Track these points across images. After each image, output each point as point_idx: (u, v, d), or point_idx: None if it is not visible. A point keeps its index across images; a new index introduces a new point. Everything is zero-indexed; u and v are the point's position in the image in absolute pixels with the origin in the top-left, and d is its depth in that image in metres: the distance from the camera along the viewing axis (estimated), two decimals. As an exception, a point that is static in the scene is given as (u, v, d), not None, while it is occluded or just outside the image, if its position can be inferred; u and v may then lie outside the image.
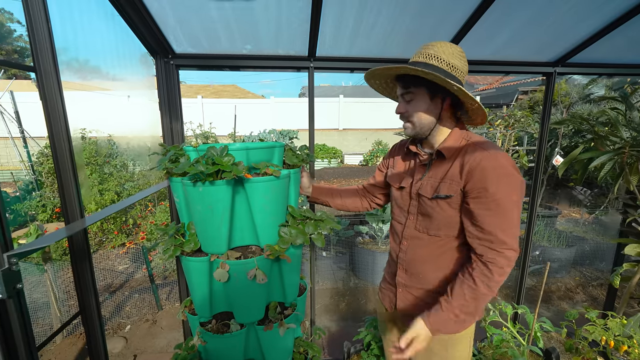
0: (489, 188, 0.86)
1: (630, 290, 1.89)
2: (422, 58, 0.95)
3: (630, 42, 1.61)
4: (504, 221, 0.87)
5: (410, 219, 1.07)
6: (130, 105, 9.18)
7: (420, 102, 0.97)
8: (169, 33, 1.34)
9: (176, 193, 1.11)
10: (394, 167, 1.18)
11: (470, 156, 0.91)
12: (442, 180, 0.97)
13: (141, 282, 3.26)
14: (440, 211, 0.98)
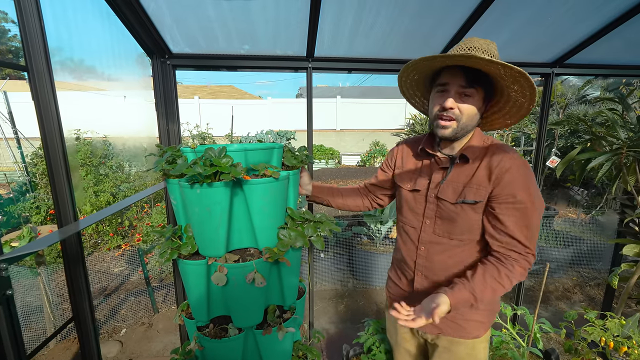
0: (517, 194, 0.86)
1: (628, 291, 1.89)
2: (480, 53, 0.86)
3: (627, 43, 1.61)
4: (528, 228, 0.88)
5: (426, 223, 1.04)
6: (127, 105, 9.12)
7: (476, 101, 0.91)
8: (165, 33, 1.32)
9: (173, 195, 1.09)
10: (403, 167, 1.13)
11: (497, 161, 0.90)
12: (467, 185, 0.94)
13: (137, 284, 3.22)
14: (464, 216, 0.95)
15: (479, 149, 0.95)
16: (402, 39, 1.44)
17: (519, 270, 0.89)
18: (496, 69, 0.82)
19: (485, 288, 0.89)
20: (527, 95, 0.87)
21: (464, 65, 0.86)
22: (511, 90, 0.88)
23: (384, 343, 1.54)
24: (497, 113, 1.00)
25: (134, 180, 4.79)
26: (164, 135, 1.46)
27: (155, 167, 1.05)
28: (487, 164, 0.92)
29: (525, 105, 0.90)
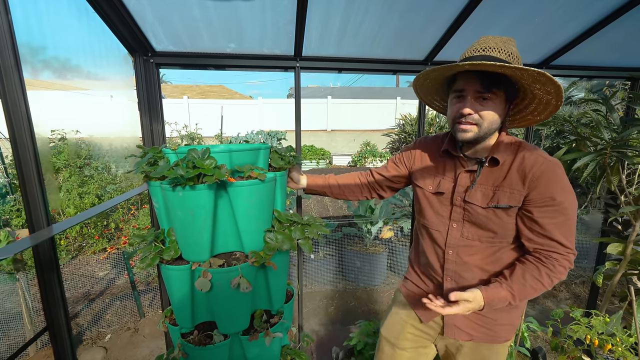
0: (556, 197, 0.84)
1: (612, 289, 1.93)
2: (497, 53, 0.84)
3: (610, 45, 1.64)
4: (568, 229, 0.87)
5: (453, 226, 0.99)
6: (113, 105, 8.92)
7: (497, 104, 0.87)
8: (147, 30, 1.28)
9: (155, 198, 1.05)
10: (422, 166, 1.08)
11: (530, 163, 0.87)
12: (498, 188, 0.90)
13: (123, 288, 3.14)
14: (495, 220, 0.92)
15: (508, 150, 0.91)
16: (391, 38, 1.43)
17: (560, 269, 0.87)
18: (511, 72, 0.79)
19: (525, 287, 0.88)
20: (551, 92, 0.84)
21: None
22: (534, 89, 0.86)
23: (374, 346, 1.53)
24: (525, 110, 0.97)
25: (121, 182, 4.68)
26: (148, 136, 1.42)
27: (135, 169, 1.02)
28: (519, 166, 0.88)
29: (553, 102, 0.87)
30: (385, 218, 3.29)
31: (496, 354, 1.05)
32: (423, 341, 1.14)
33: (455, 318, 1.04)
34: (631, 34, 1.55)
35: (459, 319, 1.04)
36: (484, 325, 1.02)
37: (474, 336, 1.03)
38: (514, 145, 0.92)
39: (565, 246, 0.86)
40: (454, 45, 1.48)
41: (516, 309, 1.02)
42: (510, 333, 1.03)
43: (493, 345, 1.03)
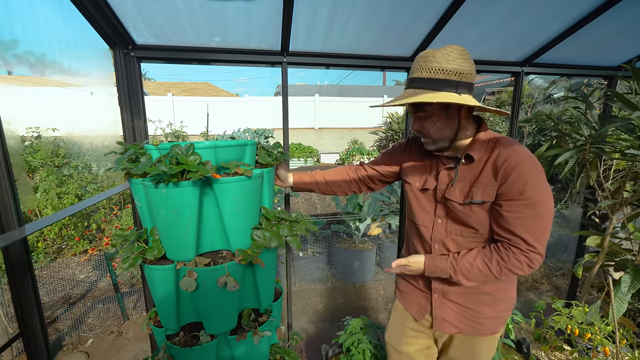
0: (526, 192, 0.84)
1: (590, 280, 2.00)
2: (426, 73, 0.88)
3: (588, 44, 1.69)
4: (536, 226, 0.86)
5: (438, 222, 1.03)
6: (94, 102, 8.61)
7: (435, 117, 0.92)
8: (127, 22, 1.23)
9: (137, 196, 1.01)
10: (411, 163, 1.11)
11: (504, 158, 0.88)
12: (473, 185, 0.93)
13: (105, 291, 3.04)
14: (473, 215, 0.94)
15: (484, 146, 0.93)
16: (379, 34, 1.43)
17: (515, 262, 0.88)
18: (424, 100, 0.84)
19: (472, 268, 0.92)
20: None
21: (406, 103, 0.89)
22: (464, 104, 0.88)
23: (363, 343, 1.53)
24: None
25: (103, 181, 4.52)
26: (129, 132, 1.37)
27: (116, 166, 0.98)
28: (493, 161, 0.90)
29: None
30: (374, 215, 3.31)
31: (485, 346, 1.08)
32: (424, 341, 1.16)
33: (444, 312, 1.07)
34: (608, 34, 1.60)
35: (447, 313, 1.06)
36: (470, 318, 1.04)
37: (462, 329, 1.05)
38: (491, 142, 0.94)
39: (528, 243, 0.86)
40: (441, 41, 1.49)
41: (501, 303, 1.04)
42: (496, 326, 1.06)
43: (482, 338, 1.06)
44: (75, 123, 6.49)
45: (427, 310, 1.10)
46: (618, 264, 1.88)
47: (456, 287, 1.03)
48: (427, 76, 0.87)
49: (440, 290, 1.06)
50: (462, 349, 1.09)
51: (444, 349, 1.14)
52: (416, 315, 1.13)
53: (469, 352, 1.09)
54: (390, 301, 2.91)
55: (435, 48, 0.90)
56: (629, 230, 1.97)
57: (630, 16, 1.47)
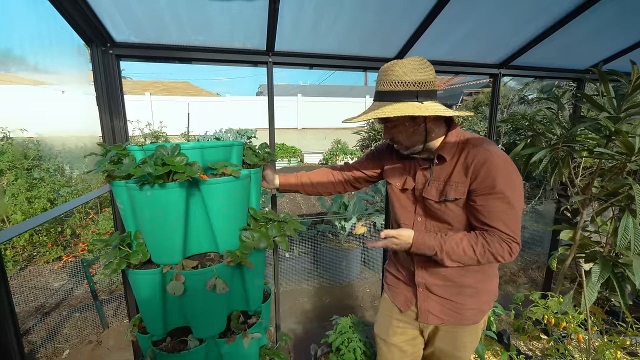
0: (497, 186, 0.89)
1: (564, 271, 2.11)
2: (387, 86, 0.93)
3: (559, 49, 1.79)
4: (509, 217, 0.91)
5: (418, 220, 1.08)
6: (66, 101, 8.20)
7: (402, 126, 0.98)
8: (105, 19, 1.18)
9: (120, 198, 0.98)
10: (392, 165, 1.16)
11: (473, 156, 0.93)
12: (447, 183, 0.98)
13: (82, 299, 2.91)
14: (449, 212, 1.00)
15: (455, 146, 0.99)
16: (364, 35, 1.44)
17: (498, 246, 0.91)
18: (384, 115, 0.89)
19: (458, 248, 0.94)
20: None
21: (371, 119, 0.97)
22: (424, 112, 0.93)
23: (353, 341, 1.55)
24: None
25: (77, 184, 4.32)
26: (108, 133, 1.32)
27: (97, 169, 0.94)
28: (464, 160, 0.95)
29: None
30: (359, 214, 3.34)
31: (468, 335, 1.13)
32: (410, 332, 1.19)
33: (428, 304, 1.11)
34: (576, 39, 1.70)
35: (431, 305, 1.11)
36: (453, 309, 1.09)
37: (445, 320, 1.10)
38: (461, 142, 1.00)
39: (506, 233, 0.92)
40: (422, 44, 1.53)
41: (482, 295, 1.09)
42: (477, 316, 1.10)
43: (464, 327, 1.11)
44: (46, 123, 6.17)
45: (412, 303, 1.15)
46: (588, 256, 1.99)
47: (439, 281, 1.08)
48: (389, 89, 0.93)
49: (424, 284, 1.11)
50: (446, 339, 1.14)
51: (430, 340, 1.19)
52: (402, 307, 1.18)
53: (453, 342, 1.13)
54: (376, 299, 2.95)
55: (396, 60, 0.95)
56: (597, 223, 2.09)
57: (596, 24, 1.57)
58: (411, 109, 0.89)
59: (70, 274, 3.23)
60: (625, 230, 1.60)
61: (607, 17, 1.53)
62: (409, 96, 0.91)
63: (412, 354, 1.21)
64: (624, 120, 1.67)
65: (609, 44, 1.83)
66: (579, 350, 1.73)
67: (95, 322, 2.56)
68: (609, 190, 1.82)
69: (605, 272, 1.74)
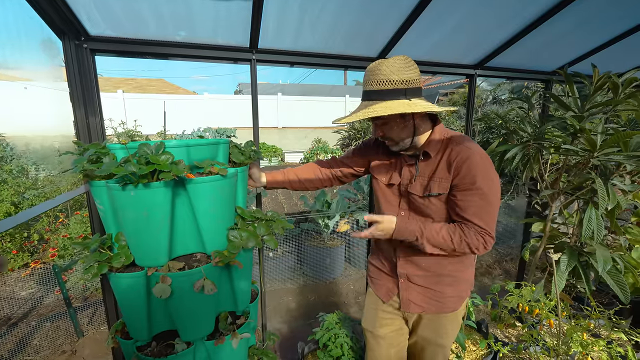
0: (477, 182, 0.95)
1: (535, 262, 2.23)
2: (376, 85, 0.96)
3: (529, 51, 1.89)
4: (486, 212, 0.97)
5: (401, 214, 1.12)
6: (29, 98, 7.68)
7: (392, 122, 1.01)
8: (80, 10, 1.12)
9: (99, 199, 0.94)
10: (379, 161, 1.19)
11: (456, 153, 0.98)
12: (431, 179, 1.03)
13: (53, 307, 2.75)
14: (432, 206, 1.05)
15: (439, 143, 1.04)
16: (347, 34, 1.46)
17: (473, 238, 0.97)
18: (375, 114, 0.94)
19: (438, 235, 1.00)
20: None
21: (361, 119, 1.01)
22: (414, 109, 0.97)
23: (340, 337, 1.57)
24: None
25: (44, 186, 4.07)
26: (84, 131, 1.26)
27: (74, 168, 0.90)
28: (447, 156, 1.01)
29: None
30: (342, 212, 3.37)
31: (450, 322, 1.18)
32: (396, 322, 1.23)
33: (409, 294, 1.16)
34: (544, 43, 1.81)
35: (412, 294, 1.16)
36: (433, 298, 1.14)
37: (425, 308, 1.15)
38: (445, 140, 1.05)
39: (481, 227, 0.97)
40: (403, 45, 1.57)
41: (460, 283, 1.15)
42: (457, 303, 1.16)
43: (445, 315, 1.16)
44: (6, 122, 5.77)
45: (394, 293, 1.19)
46: (557, 246, 2.13)
47: (420, 271, 1.13)
48: (377, 88, 0.96)
49: (405, 275, 1.16)
50: (429, 327, 1.19)
51: (414, 329, 1.23)
52: (384, 297, 1.22)
53: (435, 329, 1.18)
54: (360, 295, 3.00)
55: (382, 59, 0.97)
56: (565, 216, 2.23)
57: (562, 29, 1.67)
58: (402, 106, 0.92)
59: (39, 282, 3.04)
60: (589, 221, 1.72)
61: (571, 23, 1.64)
62: (398, 94, 0.95)
63: (398, 344, 1.25)
64: (587, 119, 1.79)
65: (573, 48, 1.96)
66: (550, 334, 1.85)
67: (68, 331, 2.43)
68: (574, 185, 1.94)
69: (572, 261, 1.87)
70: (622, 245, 2.05)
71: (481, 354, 1.78)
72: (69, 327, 2.45)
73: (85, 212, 3.50)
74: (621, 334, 1.74)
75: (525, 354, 1.76)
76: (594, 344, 1.60)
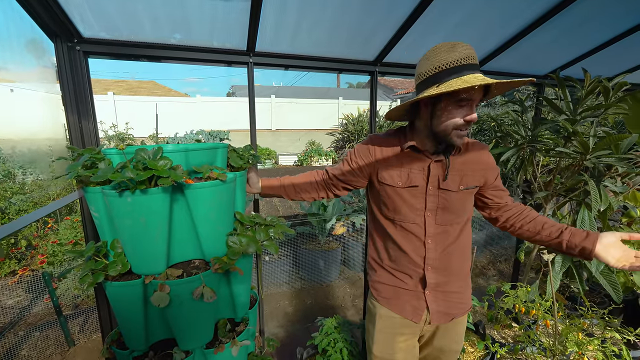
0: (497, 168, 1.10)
1: (530, 262, 2.26)
2: (477, 61, 0.90)
3: (522, 56, 1.92)
4: None
5: (428, 215, 1.03)
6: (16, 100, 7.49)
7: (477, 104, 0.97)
8: (72, 11, 1.10)
9: (94, 205, 0.91)
10: (387, 165, 1.07)
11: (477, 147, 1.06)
12: (463, 173, 1.03)
13: (43, 316, 2.68)
14: (462, 200, 1.05)
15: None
16: (345, 38, 1.46)
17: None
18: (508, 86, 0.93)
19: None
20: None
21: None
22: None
23: (340, 342, 1.56)
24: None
25: (32, 191, 3.97)
26: (76, 135, 1.23)
27: (68, 174, 0.87)
28: (470, 150, 1.04)
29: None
30: (338, 215, 3.37)
31: (463, 325, 1.17)
32: (410, 342, 1.13)
33: (439, 305, 1.08)
34: (537, 48, 1.84)
35: (442, 304, 1.08)
36: (459, 301, 1.10)
37: (455, 314, 1.10)
38: None
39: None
40: (401, 47, 1.57)
41: (469, 277, 1.16)
42: (470, 300, 1.15)
43: (462, 318, 1.14)
44: (-8, 125, 5.61)
45: (423, 309, 1.07)
46: (551, 247, 2.16)
47: (446, 276, 1.07)
48: (477, 63, 0.91)
49: (434, 285, 1.06)
50: (447, 335, 1.13)
51: (428, 342, 1.16)
52: (414, 317, 1.08)
53: (452, 336, 1.14)
54: (356, 298, 2.99)
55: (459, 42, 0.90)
56: (558, 217, 2.26)
57: (555, 34, 1.70)
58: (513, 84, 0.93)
59: (27, 290, 2.96)
60: (582, 222, 1.75)
61: (562, 29, 1.67)
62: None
63: None
64: (579, 122, 1.82)
65: (564, 53, 2.00)
66: (546, 335, 1.87)
67: (59, 340, 2.36)
68: (567, 186, 1.98)
69: (566, 261, 1.89)
70: (614, 245, 2.08)
71: (479, 355, 1.78)
72: (59, 336, 2.38)
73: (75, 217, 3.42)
74: (614, 332, 1.77)
75: (522, 354, 1.78)
76: (589, 343, 1.62)
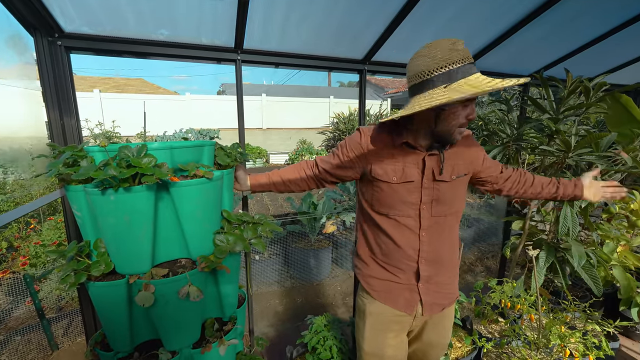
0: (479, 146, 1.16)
1: (515, 258, 2.31)
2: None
3: (508, 56, 1.96)
4: None
5: (424, 209, 1.04)
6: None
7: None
8: (52, 4, 1.07)
9: (76, 204, 0.89)
10: (380, 161, 1.05)
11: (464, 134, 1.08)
12: (455, 162, 1.06)
13: (25, 319, 2.60)
14: (456, 188, 1.07)
15: None
16: (333, 36, 1.46)
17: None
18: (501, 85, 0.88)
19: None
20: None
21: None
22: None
23: (329, 340, 1.56)
24: None
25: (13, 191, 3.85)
26: (58, 133, 1.19)
27: (48, 172, 0.85)
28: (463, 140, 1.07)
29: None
30: (328, 213, 3.37)
31: (450, 318, 1.20)
32: (401, 336, 1.14)
33: (432, 296, 1.09)
34: (522, 48, 1.88)
35: (434, 295, 1.09)
36: (449, 291, 1.13)
37: (445, 304, 1.13)
38: None
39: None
40: (390, 46, 1.58)
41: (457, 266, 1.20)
42: (457, 289, 1.19)
43: (450, 308, 1.17)
44: (-32, 123, 5.40)
45: (416, 301, 1.08)
46: (535, 243, 2.21)
47: (438, 268, 1.08)
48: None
49: (427, 277, 1.07)
50: (435, 329, 1.16)
51: (417, 336, 1.18)
52: (407, 310, 1.09)
53: (440, 330, 1.16)
54: (347, 296, 3.00)
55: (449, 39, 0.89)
56: (542, 214, 2.32)
57: (539, 34, 1.74)
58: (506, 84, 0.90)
59: (8, 293, 2.87)
60: (565, 218, 1.80)
61: (545, 30, 1.71)
62: None
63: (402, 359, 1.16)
64: (562, 121, 1.87)
65: (551, 51, 2.05)
66: (531, 328, 1.91)
67: (41, 344, 2.30)
68: (551, 184, 2.03)
69: (550, 257, 1.94)
70: (594, 240, 2.15)
71: (466, 350, 1.81)
72: (42, 340, 2.32)
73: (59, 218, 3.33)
74: (595, 325, 1.82)
75: (508, 348, 1.82)
76: (571, 336, 1.67)
